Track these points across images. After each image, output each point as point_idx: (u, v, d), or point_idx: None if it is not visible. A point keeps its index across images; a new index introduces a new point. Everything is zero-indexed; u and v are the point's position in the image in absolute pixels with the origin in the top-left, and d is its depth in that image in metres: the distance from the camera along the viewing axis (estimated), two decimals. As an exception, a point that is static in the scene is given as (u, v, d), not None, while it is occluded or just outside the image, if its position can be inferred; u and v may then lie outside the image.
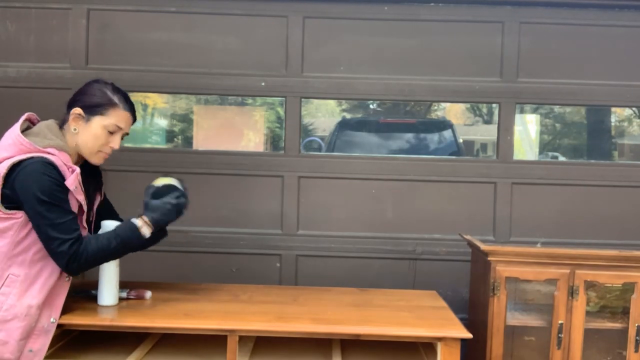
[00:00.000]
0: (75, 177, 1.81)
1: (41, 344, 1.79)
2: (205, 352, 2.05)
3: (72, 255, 1.77)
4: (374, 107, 3.70)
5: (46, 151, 1.79)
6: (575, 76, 3.21)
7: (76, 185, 1.82)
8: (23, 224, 1.77)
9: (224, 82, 3.23)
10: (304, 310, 2.09)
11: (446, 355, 1.84)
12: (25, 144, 1.78)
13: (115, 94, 1.93)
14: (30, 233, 1.78)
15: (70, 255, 1.77)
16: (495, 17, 3.20)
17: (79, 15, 3.20)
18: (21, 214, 1.77)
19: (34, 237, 1.78)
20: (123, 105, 1.93)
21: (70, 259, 1.77)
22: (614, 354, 2.66)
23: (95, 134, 1.89)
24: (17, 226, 1.77)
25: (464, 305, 2.93)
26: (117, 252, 1.88)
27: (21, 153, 1.77)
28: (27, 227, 1.78)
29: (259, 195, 3.24)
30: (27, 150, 1.78)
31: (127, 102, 1.95)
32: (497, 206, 3.22)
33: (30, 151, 1.78)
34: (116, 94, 1.93)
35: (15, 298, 1.75)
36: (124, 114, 1.93)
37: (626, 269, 2.45)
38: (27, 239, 1.78)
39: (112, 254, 1.88)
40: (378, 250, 3.23)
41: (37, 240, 1.78)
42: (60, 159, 1.80)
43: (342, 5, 3.20)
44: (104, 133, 1.90)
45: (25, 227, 1.78)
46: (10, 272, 1.76)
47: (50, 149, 1.80)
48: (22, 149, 1.78)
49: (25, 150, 1.78)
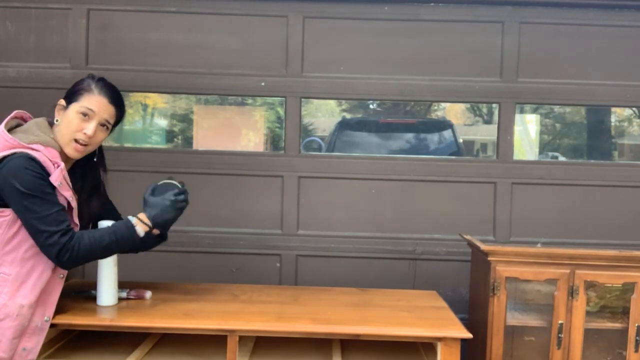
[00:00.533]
0: (59, 173, 1.79)
1: (35, 342, 1.79)
2: (205, 352, 2.05)
3: (62, 246, 1.75)
4: (374, 107, 3.70)
5: (30, 147, 1.77)
6: (575, 76, 3.21)
7: (61, 181, 1.79)
8: (11, 222, 1.76)
9: (224, 82, 3.22)
10: (304, 310, 2.09)
11: (446, 355, 1.84)
12: (9, 140, 1.77)
13: (96, 82, 1.89)
14: (19, 231, 1.77)
15: (61, 246, 1.75)
16: (495, 17, 3.20)
17: (79, 15, 3.20)
18: (9, 212, 1.76)
19: (23, 235, 1.77)
20: (98, 90, 1.88)
21: (62, 250, 1.75)
22: (614, 354, 2.66)
23: (69, 119, 1.86)
24: (5, 224, 1.76)
25: (464, 305, 2.93)
26: (110, 248, 1.86)
27: (5, 149, 1.77)
28: (16, 225, 1.77)
29: (259, 195, 3.24)
30: (10, 147, 1.77)
31: (104, 89, 1.89)
32: (497, 206, 3.22)
33: (14, 147, 1.77)
34: (96, 82, 1.90)
35: (7, 297, 1.74)
36: (98, 98, 1.87)
37: (626, 269, 2.45)
38: (17, 237, 1.77)
39: (105, 249, 1.85)
40: (378, 250, 3.23)
41: (28, 238, 1.77)
42: (46, 155, 1.78)
43: (342, 5, 3.20)
44: (77, 118, 1.85)
45: (14, 225, 1.76)
46: (2, 271, 1.75)
47: (35, 145, 1.79)
48: (6, 145, 1.77)
49: (9, 147, 1.77)
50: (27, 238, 1.78)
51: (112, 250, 1.89)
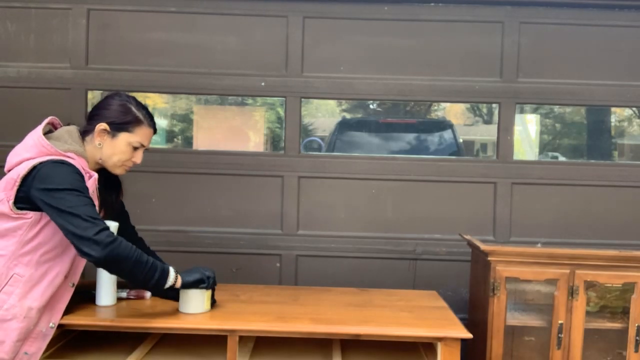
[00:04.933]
0: (93, 182, 1.85)
1: (37, 348, 1.79)
2: (205, 352, 2.05)
3: (102, 229, 1.71)
4: (374, 107, 3.70)
5: (66, 155, 1.82)
6: (575, 76, 3.21)
7: (93, 189, 1.85)
8: (33, 224, 1.77)
9: (224, 82, 3.23)
10: (304, 310, 2.09)
11: (446, 355, 1.84)
12: (46, 147, 1.80)
13: (140, 111, 1.95)
14: (39, 234, 1.78)
15: (97, 230, 1.70)
16: (495, 17, 3.20)
17: (79, 15, 3.20)
18: (31, 215, 1.77)
19: (43, 238, 1.78)
20: (148, 122, 1.97)
21: (102, 232, 1.71)
22: (614, 354, 2.66)
23: (121, 149, 1.92)
24: (26, 226, 1.77)
25: (464, 305, 2.93)
26: (142, 267, 1.79)
27: (42, 155, 1.79)
28: (37, 227, 1.78)
29: (259, 195, 3.24)
30: (47, 153, 1.79)
31: (151, 119, 1.99)
32: (497, 206, 3.22)
33: (51, 154, 1.80)
34: (140, 110, 1.96)
35: (17, 298, 1.75)
36: (148, 131, 1.97)
37: (626, 269, 2.45)
38: (36, 239, 1.78)
39: (139, 264, 1.78)
40: (378, 250, 3.23)
41: (46, 242, 1.78)
42: (79, 164, 1.83)
43: (342, 5, 3.20)
44: (129, 149, 1.94)
45: (35, 227, 1.77)
46: (16, 271, 1.76)
47: (70, 153, 1.83)
48: (43, 151, 1.80)
49: (46, 153, 1.79)
50: (46, 242, 1.78)
51: (140, 268, 1.79)
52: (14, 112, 3.14)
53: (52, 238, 1.79)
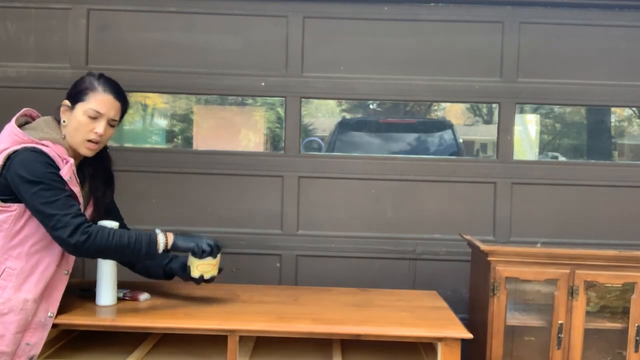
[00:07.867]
0: (69, 168, 1.82)
1: (38, 338, 1.80)
2: (205, 352, 2.05)
3: (76, 227, 1.74)
4: (374, 107, 3.70)
5: (41, 143, 1.81)
6: (575, 76, 3.21)
7: (70, 175, 1.82)
8: (18, 217, 1.78)
9: (224, 82, 3.22)
10: (304, 310, 2.09)
11: (446, 355, 1.84)
12: (19, 135, 1.81)
13: (98, 80, 1.91)
14: (25, 226, 1.79)
15: (74, 226, 1.74)
16: (495, 17, 3.20)
17: (79, 15, 3.20)
18: (16, 207, 1.78)
19: (30, 230, 1.79)
20: (102, 88, 1.90)
21: (76, 231, 1.74)
22: (614, 354, 2.66)
23: (78, 120, 1.88)
24: (12, 219, 1.78)
25: (464, 305, 2.93)
26: (125, 247, 1.81)
27: (15, 144, 1.79)
28: (23, 219, 1.79)
29: (259, 195, 3.24)
30: (21, 141, 1.80)
31: (108, 86, 1.92)
32: (497, 206, 3.22)
33: (25, 142, 1.80)
34: (99, 79, 1.92)
35: (12, 291, 1.76)
36: (103, 96, 1.90)
37: (626, 269, 2.45)
38: (23, 231, 1.79)
39: (120, 246, 1.80)
40: (378, 250, 3.23)
41: (34, 233, 1.79)
42: (55, 151, 1.82)
43: (342, 5, 3.20)
44: (85, 119, 1.88)
45: (21, 219, 1.79)
46: (7, 265, 1.77)
47: (45, 141, 1.82)
48: (17, 140, 1.80)
49: (20, 141, 1.80)
50: (34, 233, 1.79)
51: (125, 250, 1.83)
52: (14, 112, 3.12)
53: (38, 229, 1.80)
